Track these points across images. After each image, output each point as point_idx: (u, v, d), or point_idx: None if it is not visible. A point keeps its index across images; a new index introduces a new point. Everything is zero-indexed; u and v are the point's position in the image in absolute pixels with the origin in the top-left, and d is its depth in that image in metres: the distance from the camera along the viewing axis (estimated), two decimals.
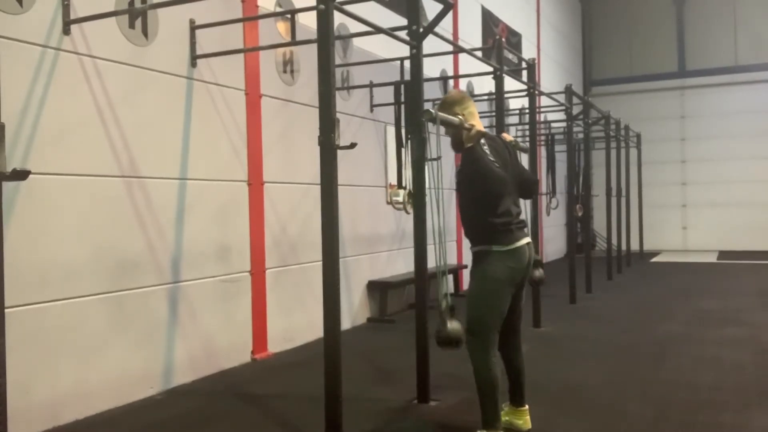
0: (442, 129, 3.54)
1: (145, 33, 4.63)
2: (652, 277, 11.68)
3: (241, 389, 4.75)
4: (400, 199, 6.44)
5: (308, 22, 5.69)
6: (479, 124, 3.56)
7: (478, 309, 3.46)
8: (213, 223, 5.23)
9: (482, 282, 3.48)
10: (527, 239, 3.58)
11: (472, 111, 3.61)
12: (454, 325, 3.29)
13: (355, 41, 7.04)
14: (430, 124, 3.43)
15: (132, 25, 4.52)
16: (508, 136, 3.89)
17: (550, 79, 14.49)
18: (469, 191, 3.54)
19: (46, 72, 3.95)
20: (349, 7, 3.97)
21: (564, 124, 9.97)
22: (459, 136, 3.51)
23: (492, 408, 3.41)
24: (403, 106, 6.48)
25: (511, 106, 10.80)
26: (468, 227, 3.62)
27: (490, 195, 3.44)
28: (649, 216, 14.84)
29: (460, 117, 3.51)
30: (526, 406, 3.73)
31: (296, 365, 5.47)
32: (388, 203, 7.68)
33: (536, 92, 7.18)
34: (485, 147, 3.45)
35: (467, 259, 4.00)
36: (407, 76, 5.09)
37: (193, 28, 5.00)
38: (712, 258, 15.01)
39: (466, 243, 3.66)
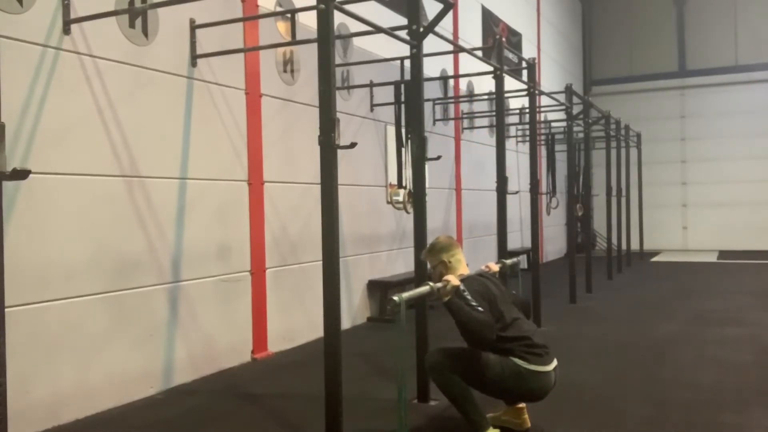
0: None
1: (145, 32, 4.62)
2: (652, 276, 11.68)
3: (241, 389, 4.75)
4: (400, 198, 6.43)
5: (308, 21, 5.68)
6: (464, 269, 3.63)
7: (465, 365, 3.40)
8: (213, 222, 5.22)
9: (492, 370, 3.37)
10: (555, 363, 3.49)
11: (459, 258, 3.68)
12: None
13: (355, 41, 7.04)
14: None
15: (132, 25, 4.52)
16: (493, 267, 3.91)
17: (550, 79, 14.48)
18: (466, 337, 3.48)
19: (47, 71, 3.95)
20: (349, 7, 3.97)
21: (564, 124, 9.96)
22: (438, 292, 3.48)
23: (471, 410, 3.42)
24: (403, 106, 6.47)
25: (512, 106, 10.80)
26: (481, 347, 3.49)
27: (485, 339, 3.36)
28: (649, 216, 14.84)
29: (429, 285, 3.43)
30: (523, 405, 3.73)
31: (296, 365, 5.47)
32: (388, 203, 7.68)
33: (536, 92, 7.18)
34: (466, 294, 3.39)
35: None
36: (407, 76, 5.09)
37: (194, 27, 5.00)
38: (713, 258, 15.01)
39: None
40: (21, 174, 2.98)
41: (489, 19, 11.18)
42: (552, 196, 10.82)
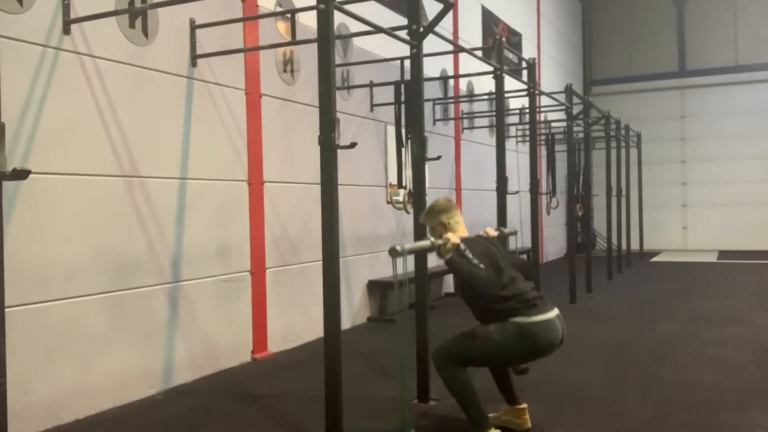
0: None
1: (145, 32, 4.63)
2: (652, 276, 11.68)
3: (241, 389, 4.75)
4: (400, 198, 6.44)
5: (308, 21, 5.68)
6: (463, 231, 3.62)
7: (471, 354, 3.41)
8: (213, 222, 5.23)
9: (495, 340, 3.38)
10: (556, 311, 3.50)
11: (458, 220, 3.66)
12: None
13: (356, 41, 7.04)
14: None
15: (132, 25, 4.52)
16: (491, 231, 3.91)
17: (550, 79, 14.49)
18: (466, 295, 3.52)
19: (47, 72, 3.95)
20: (349, 7, 3.97)
21: (564, 124, 9.97)
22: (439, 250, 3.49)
23: (474, 409, 3.41)
24: (403, 106, 6.48)
25: (512, 106, 10.80)
26: (485, 319, 3.50)
27: (486, 295, 3.39)
28: (649, 216, 14.84)
29: (431, 240, 3.46)
30: (524, 405, 3.73)
31: (296, 365, 5.47)
32: (388, 203, 7.68)
33: (536, 92, 7.18)
34: (467, 252, 3.41)
35: None
36: (407, 76, 5.09)
37: (194, 27, 5.00)
38: (712, 258, 15.00)
39: None
40: (21, 174, 2.99)
41: (489, 19, 11.19)
42: (552, 196, 10.83)
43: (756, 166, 16.28)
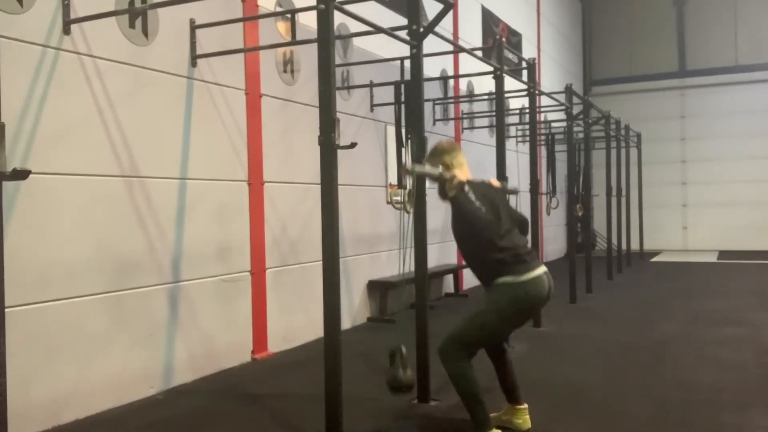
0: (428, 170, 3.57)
1: (145, 33, 4.63)
2: (652, 277, 11.68)
3: (241, 389, 4.75)
4: (401, 198, 6.44)
5: (308, 21, 5.68)
6: (466, 174, 3.60)
7: (473, 332, 3.45)
8: (213, 222, 5.23)
9: (491, 311, 3.43)
10: (544, 268, 3.54)
11: (461, 161, 3.66)
12: (408, 374, 3.38)
13: (356, 41, 7.04)
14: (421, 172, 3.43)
15: (132, 25, 4.52)
16: (495, 182, 3.91)
17: (551, 79, 14.49)
18: (463, 236, 3.55)
19: (47, 72, 3.95)
20: (349, 7, 3.97)
21: (564, 124, 9.96)
22: (443, 185, 3.52)
23: (479, 410, 3.41)
24: (403, 106, 6.48)
25: (512, 106, 10.80)
26: (475, 268, 3.57)
27: (484, 239, 3.41)
28: (649, 216, 14.84)
29: (441, 170, 3.49)
30: (525, 405, 3.73)
31: (296, 365, 5.47)
32: (388, 203, 7.68)
33: (536, 92, 7.18)
34: (470, 194, 3.42)
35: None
36: (407, 76, 5.09)
37: (194, 27, 5.00)
38: (713, 258, 15.01)
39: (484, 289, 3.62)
40: (21, 174, 2.99)
41: (489, 19, 11.19)
42: (552, 196, 10.84)
43: (756, 166, 16.28)
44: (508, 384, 3.75)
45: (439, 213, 8.96)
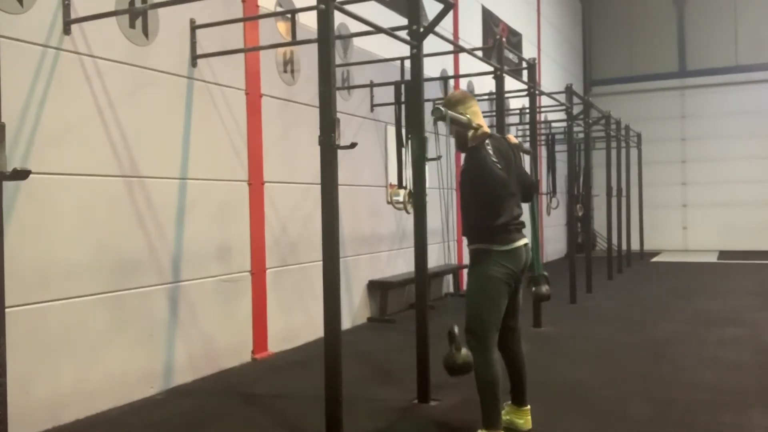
0: (446, 126, 3.52)
1: (145, 33, 4.63)
2: (652, 277, 11.68)
3: (242, 389, 4.75)
4: (401, 198, 6.44)
5: (308, 21, 5.69)
6: (481, 121, 3.54)
7: (476, 307, 3.48)
8: (213, 222, 5.23)
9: (480, 281, 3.49)
10: (525, 240, 3.58)
11: (475, 110, 3.59)
12: (464, 353, 3.34)
13: (356, 41, 7.04)
14: (440, 122, 3.41)
15: (132, 25, 4.52)
16: (512, 138, 3.87)
17: (551, 79, 14.49)
18: (471, 191, 3.53)
19: (47, 72, 3.95)
20: (349, 7, 3.98)
21: (564, 124, 9.97)
22: (464, 135, 3.46)
23: (493, 407, 3.41)
24: (403, 106, 6.48)
25: (512, 106, 10.80)
26: (468, 226, 3.62)
27: (491, 196, 3.44)
28: (649, 216, 14.84)
29: (468, 117, 3.46)
30: (528, 406, 3.73)
31: (296, 365, 5.47)
32: (388, 203, 7.68)
33: (536, 92, 7.18)
34: (489, 148, 3.43)
35: (468, 259, 3.98)
36: (407, 76, 5.09)
37: (194, 27, 5.00)
38: (713, 258, 15.01)
39: (467, 242, 3.64)
40: (21, 174, 2.99)
41: (489, 20, 11.18)
42: (552, 197, 10.83)
43: (756, 166, 16.28)
44: (517, 384, 3.73)
45: (439, 213, 8.97)
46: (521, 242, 3.54)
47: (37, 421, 3.84)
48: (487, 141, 3.44)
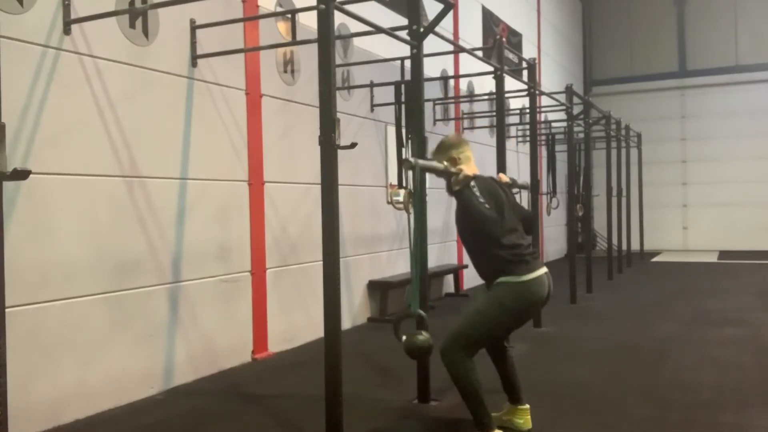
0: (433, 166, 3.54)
1: (145, 33, 4.63)
2: (652, 277, 11.68)
3: (242, 389, 4.75)
4: (401, 198, 6.43)
5: (309, 21, 5.69)
6: (473, 168, 3.60)
7: (474, 329, 3.45)
8: (213, 222, 5.23)
9: (490, 305, 3.44)
10: (545, 269, 3.54)
11: (468, 155, 3.65)
12: (423, 337, 3.27)
13: (356, 41, 7.04)
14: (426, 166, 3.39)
15: (132, 25, 4.53)
16: (504, 177, 3.91)
17: (551, 79, 14.48)
18: (469, 233, 3.56)
19: (47, 72, 3.95)
20: (349, 7, 3.97)
21: (564, 124, 9.97)
22: (450, 180, 3.52)
23: (481, 409, 3.41)
24: (403, 106, 6.48)
25: (512, 106, 10.80)
26: (477, 264, 3.58)
27: (487, 235, 3.42)
28: (649, 216, 14.83)
29: (446, 165, 3.48)
30: (527, 405, 3.73)
31: (297, 365, 5.47)
32: (388, 203, 7.68)
33: (537, 92, 7.18)
34: (475, 189, 3.42)
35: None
36: (408, 76, 5.09)
37: (194, 27, 5.00)
38: (713, 258, 15.01)
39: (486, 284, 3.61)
40: (21, 174, 2.99)
41: (489, 20, 11.19)
42: (552, 197, 10.83)
43: (756, 166, 16.28)
44: (510, 384, 3.75)
45: (439, 213, 8.97)
46: (541, 270, 3.50)
47: (37, 421, 3.84)
48: (472, 183, 3.44)
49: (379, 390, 4.64)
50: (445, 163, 3.52)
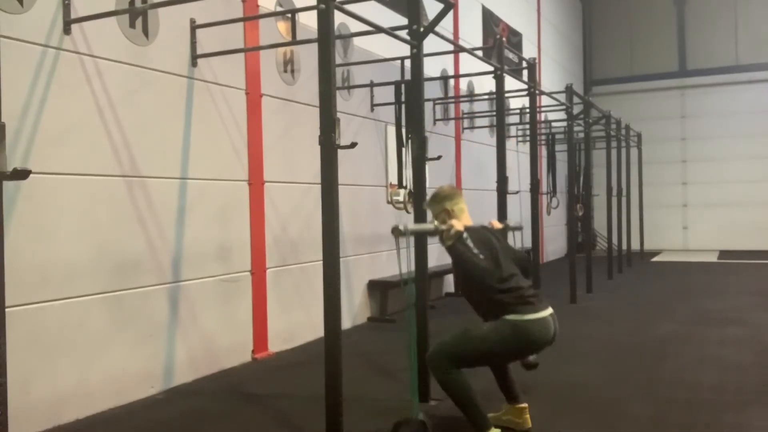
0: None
1: (145, 32, 4.63)
2: (652, 276, 11.68)
3: (242, 389, 4.75)
4: (401, 198, 6.44)
5: (309, 21, 5.68)
6: (467, 219, 3.62)
7: (466, 352, 3.41)
8: (214, 222, 5.23)
9: (490, 339, 3.39)
10: (550, 310, 3.51)
11: (462, 207, 3.67)
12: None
13: (356, 41, 7.04)
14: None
15: (132, 25, 4.52)
16: (496, 223, 3.92)
17: (551, 79, 14.48)
18: (465, 282, 3.56)
19: (47, 71, 3.95)
20: (349, 7, 3.98)
21: (564, 124, 9.97)
22: (441, 236, 3.51)
23: (475, 411, 3.41)
24: (403, 106, 6.48)
25: (512, 106, 10.80)
26: (481, 312, 3.55)
27: (483, 286, 3.41)
28: (649, 216, 14.83)
29: (435, 224, 3.48)
30: (525, 404, 3.73)
31: (297, 365, 5.47)
32: (388, 203, 7.68)
33: (537, 92, 7.18)
34: (468, 241, 3.42)
35: None
36: (408, 76, 5.09)
37: (194, 27, 5.00)
38: (713, 258, 15.00)
39: None
40: (21, 174, 2.99)
41: (489, 19, 11.18)
42: (552, 196, 10.83)
43: (756, 166, 16.28)
44: (505, 383, 3.74)
45: None
46: (546, 312, 3.47)
47: (37, 421, 3.84)
48: (465, 235, 3.44)
49: (379, 390, 4.64)
50: (436, 222, 3.50)
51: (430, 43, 4.67)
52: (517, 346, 3.42)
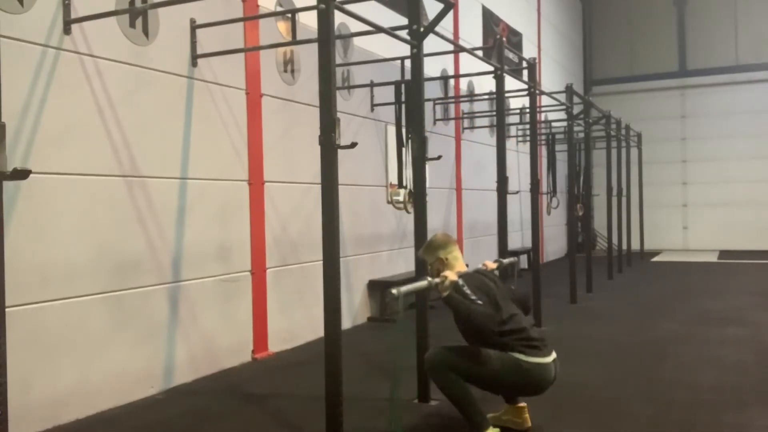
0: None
1: (145, 32, 4.62)
2: (652, 276, 11.68)
3: (242, 389, 4.75)
4: (401, 198, 6.43)
5: (309, 21, 5.68)
6: (461, 266, 3.64)
7: (466, 368, 3.41)
8: (214, 222, 5.23)
9: (493, 366, 3.39)
10: (554, 355, 3.52)
11: (456, 255, 3.69)
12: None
13: (356, 41, 7.04)
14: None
15: (132, 25, 4.52)
16: (490, 264, 3.91)
17: (551, 79, 14.48)
18: (467, 332, 3.54)
19: (47, 71, 3.95)
20: (349, 7, 3.98)
21: (565, 124, 9.97)
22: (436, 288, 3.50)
23: (473, 411, 3.42)
24: (403, 106, 6.48)
25: (512, 106, 10.80)
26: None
27: (484, 332, 3.39)
28: (649, 216, 14.83)
29: (428, 280, 3.44)
30: (524, 404, 3.73)
31: (297, 365, 5.47)
32: (388, 203, 7.68)
33: (537, 92, 7.18)
34: (465, 288, 3.41)
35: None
36: (408, 76, 5.09)
37: (194, 27, 5.00)
38: (713, 258, 15.00)
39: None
40: (21, 174, 2.99)
41: (489, 19, 11.18)
42: (552, 196, 10.83)
43: (756, 166, 16.28)
44: None
45: (439, 213, 8.97)
46: (549, 358, 3.48)
47: (37, 421, 3.84)
48: (461, 282, 3.43)
49: (379, 390, 4.63)
50: (429, 278, 3.48)
51: (430, 43, 4.67)
52: (515, 382, 3.44)
